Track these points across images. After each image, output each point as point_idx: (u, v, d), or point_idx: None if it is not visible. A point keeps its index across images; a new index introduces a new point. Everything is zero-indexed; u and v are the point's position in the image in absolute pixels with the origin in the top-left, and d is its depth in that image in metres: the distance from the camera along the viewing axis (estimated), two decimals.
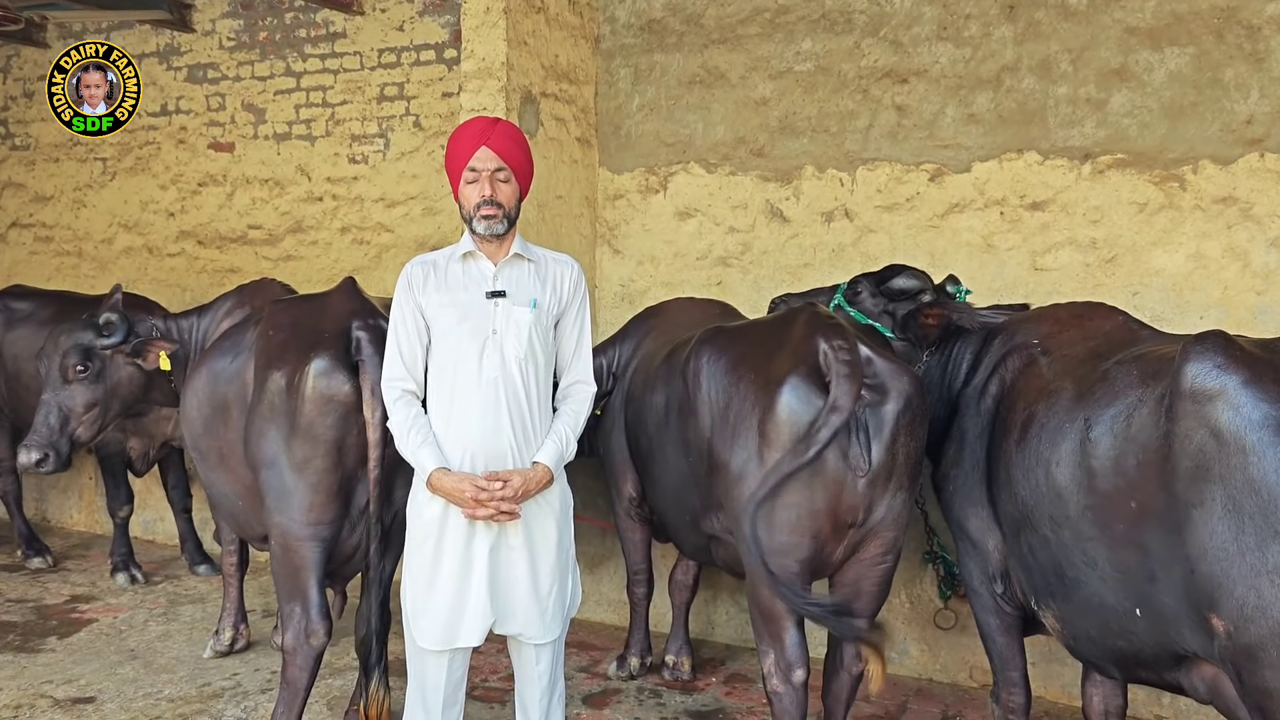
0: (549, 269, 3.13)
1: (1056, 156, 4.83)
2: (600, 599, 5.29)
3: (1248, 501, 2.25)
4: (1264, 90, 4.45)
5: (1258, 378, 2.31)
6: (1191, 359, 2.40)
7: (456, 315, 3.00)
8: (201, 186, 7.11)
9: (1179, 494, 2.39)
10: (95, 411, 4.64)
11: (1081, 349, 3.03)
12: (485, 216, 2.98)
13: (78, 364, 4.55)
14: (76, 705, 4.17)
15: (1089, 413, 2.72)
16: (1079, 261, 4.77)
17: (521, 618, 3.04)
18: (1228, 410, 2.31)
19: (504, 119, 3.17)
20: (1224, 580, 2.29)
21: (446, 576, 2.98)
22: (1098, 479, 2.64)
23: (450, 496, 2.94)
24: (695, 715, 4.20)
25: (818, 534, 3.09)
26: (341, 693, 4.29)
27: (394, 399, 3.05)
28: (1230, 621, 2.29)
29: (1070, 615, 2.89)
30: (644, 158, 5.80)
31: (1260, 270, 4.48)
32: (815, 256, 5.40)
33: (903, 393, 3.08)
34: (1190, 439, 2.37)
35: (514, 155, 3.04)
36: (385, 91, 6.45)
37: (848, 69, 5.27)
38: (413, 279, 3.05)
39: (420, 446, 2.97)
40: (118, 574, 5.85)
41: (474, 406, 2.97)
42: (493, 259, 3.06)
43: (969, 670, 4.55)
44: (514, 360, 2.98)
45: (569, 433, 3.10)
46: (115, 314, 4.55)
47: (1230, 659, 2.32)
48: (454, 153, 3.06)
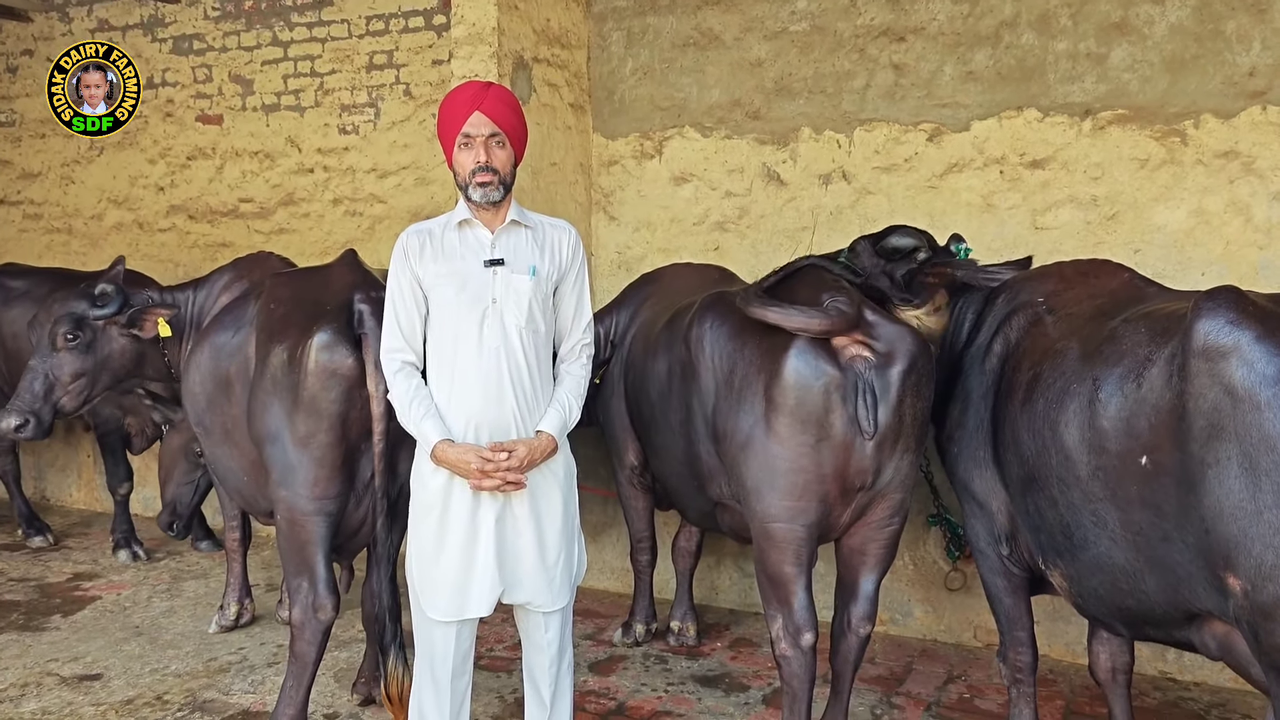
0: (546, 235, 3.09)
1: (1056, 113, 4.77)
2: (604, 567, 5.30)
3: (1264, 458, 2.23)
4: (1266, 42, 4.39)
5: (1271, 333, 2.28)
6: (1203, 315, 2.37)
7: (455, 285, 2.96)
8: (190, 160, 7.03)
9: (1193, 453, 2.37)
10: (82, 381, 4.59)
11: (1088, 307, 3.01)
12: (481, 184, 2.93)
13: (68, 332, 4.50)
14: (83, 682, 4.17)
15: (1097, 372, 2.69)
16: (1080, 219, 4.73)
17: (529, 586, 3.03)
18: (1241, 367, 2.28)
19: (496, 83, 3.10)
20: (1241, 539, 2.27)
21: (453, 547, 2.97)
22: (1107, 439, 2.62)
23: (455, 468, 2.91)
24: (701, 680, 4.21)
25: (825, 497, 3.09)
26: (349, 665, 4.29)
27: (394, 370, 3.02)
28: (1247, 580, 2.27)
29: (1078, 574, 2.89)
30: (638, 122, 5.73)
31: (1263, 225, 4.45)
32: (813, 219, 5.35)
33: (908, 353, 3.06)
34: (1204, 397, 2.34)
35: (508, 119, 2.98)
36: (374, 60, 6.36)
37: (844, 28, 5.20)
38: (409, 249, 3.01)
39: (423, 419, 2.94)
40: (119, 551, 5.85)
41: (476, 377, 2.94)
42: (489, 226, 3.02)
43: (973, 630, 4.57)
44: (514, 329, 2.95)
45: (572, 400, 3.08)
46: (111, 285, 4.51)
47: (1246, 618, 2.31)
48: (446, 119, 3.00)
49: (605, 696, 4.05)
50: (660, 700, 4.02)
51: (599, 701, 4.00)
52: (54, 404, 4.62)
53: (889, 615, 4.71)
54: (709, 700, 4.02)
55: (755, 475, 3.13)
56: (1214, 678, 4.17)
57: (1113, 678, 3.30)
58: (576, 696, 3.88)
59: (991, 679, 4.19)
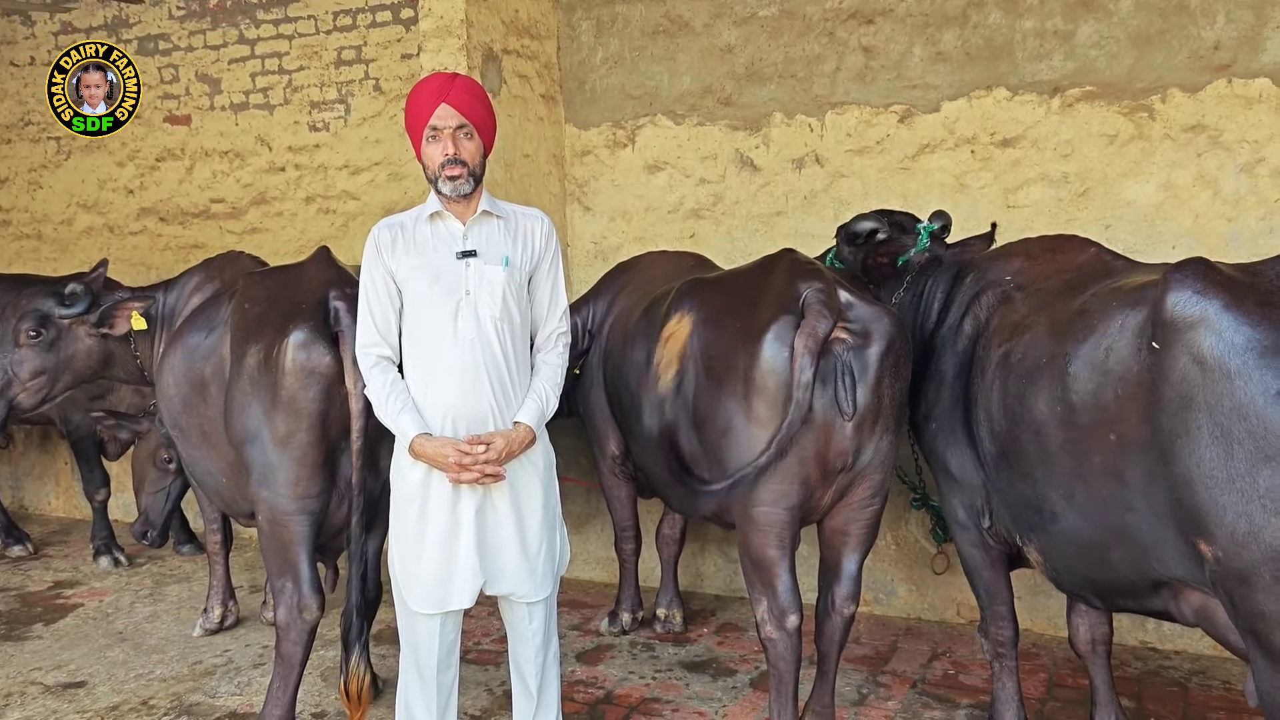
0: (519, 224, 3.07)
1: (1025, 91, 4.80)
2: (589, 557, 5.31)
3: (1236, 427, 2.24)
4: (1230, 15, 4.44)
5: (1239, 302, 2.29)
6: (1172, 287, 2.38)
7: (428, 277, 2.94)
8: (160, 162, 6.97)
9: (1164, 424, 2.38)
10: (41, 380, 4.51)
11: (1056, 283, 3.03)
12: (450, 177, 2.92)
13: (30, 329, 4.44)
14: (68, 690, 4.14)
15: (1067, 347, 2.71)
16: (1051, 196, 4.77)
17: (512, 577, 3.03)
18: (1210, 336, 2.29)
19: (462, 74, 3.09)
20: (1213, 507, 2.29)
21: (434, 540, 2.96)
22: (1077, 413, 2.64)
23: (433, 462, 2.91)
24: (689, 666, 4.23)
25: (806, 480, 3.10)
26: (335, 663, 4.27)
27: (370, 365, 3.00)
28: (1221, 548, 2.29)
29: (1051, 548, 2.91)
30: (610, 112, 5.72)
31: (1230, 197, 4.50)
32: (788, 204, 5.37)
33: (885, 334, 3.08)
34: (1174, 368, 2.35)
35: (475, 110, 2.96)
36: (343, 55, 6.32)
37: (812, 11, 5.21)
38: (380, 243, 2.99)
39: (400, 413, 2.93)
40: (100, 557, 5.81)
41: (452, 369, 2.93)
42: (461, 218, 3.00)
43: (956, 608, 4.61)
44: (489, 320, 2.94)
45: (549, 390, 3.07)
46: (80, 285, 4.45)
47: (1222, 584, 2.33)
48: (413, 112, 2.98)
49: (593, 686, 4.06)
50: (648, 687, 4.03)
51: (587, 691, 4.01)
52: (9, 399, 4.56)
53: (873, 595, 4.74)
54: (696, 686, 4.04)
55: (736, 460, 3.14)
56: (1194, 646, 4.23)
57: (1093, 649, 3.33)
58: (565, 687, 3.89)
59: (975, 655, 4.22)
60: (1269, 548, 2.21)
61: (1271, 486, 2.19)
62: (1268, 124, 4.42)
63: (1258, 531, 2.22)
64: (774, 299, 3.12)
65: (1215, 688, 3.90)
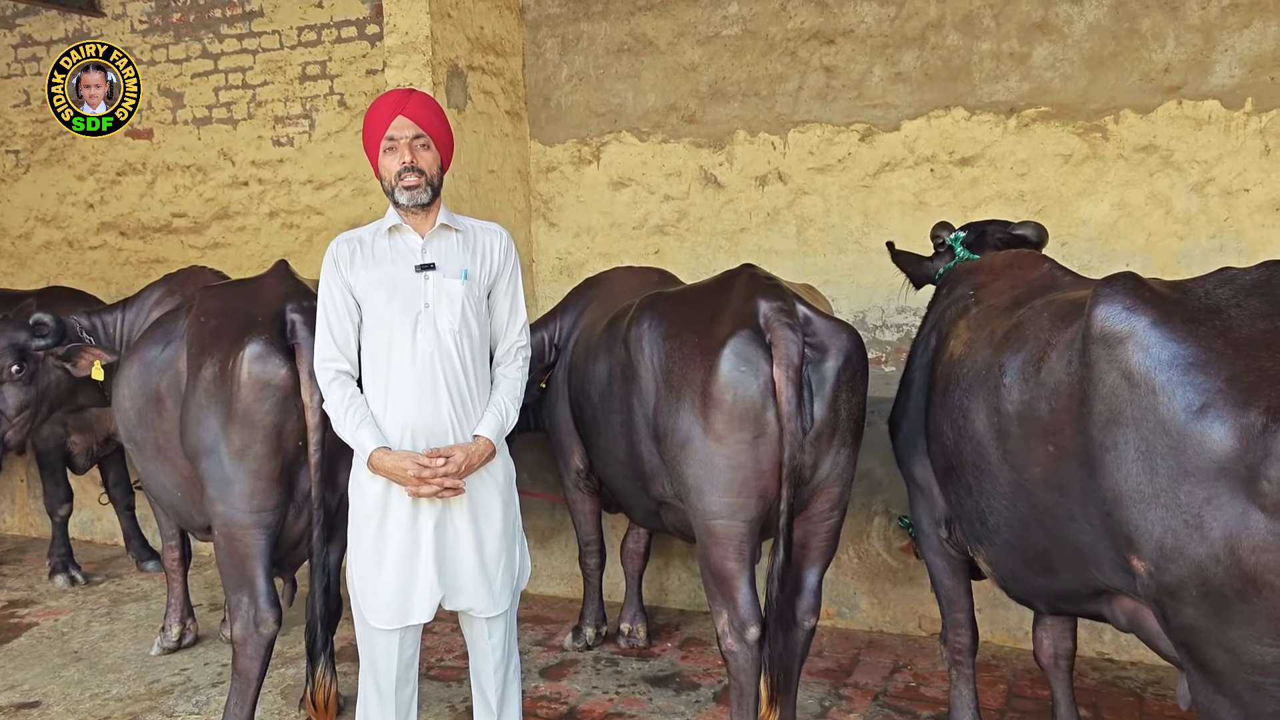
0: (478, 238, 3.08)
1: (983, 111, 4.89)
2: (553, 572, 5.30)
3: (1159, 442, 2.22)
4: (1179, 39, 4.55)
5: (1166, 318, 2.29)
6: (1101, 302, 2.39)
7: (387, 291, 2.94)
8: (120, 176, 6.91)
9: (1093, 437, 2.39)
10: (27, 414, 4.50)
11: (1007, 297, 3.08)
12: (408, 187, 2.92)
13: (13, 365, 4.40)
14: (21, 711, 4.07)
15: (1002, 359, 2.73)
16: (1009, 214, 4.81)
17: (470, 592, 3.03)
18: (1138, 351, 2.28)
19: (419, 90, 3.10)
20: (1141, 523, 2.28)
21: (393, 555, 2.95)
22: (1012, 424, 2.67)
23: (392, 475, 2.90)
24: (653, 680, 4.23)
25: (765, 493, 3.12)
26: (295, 681, 4.24)
27: (328, 380, 2.99)
28: (1151, 563, 2.28)
29: (997, 557, 2.95)
30: (575, 128, 5.75)
31: (1182, 216, 4.60)
32: (751, 221, 5.42)
33: (842, 349, 3.12)
34: (1103, 382, 2.35)
35: (431, 123, 2.97)
36: (307, 70, 6.31)
37: (775, 31, 5.27)
38: (339, 257, 2.98)
39: (359, 427, 2.92)
40: (56, 576, 5.71)
41: (411, 383, 2.92)
42: (419, 231, 3.00)
43: (918, 620, 4.65)
44: (448, 333, 2.94)
45: (509, 403, 3.08)
46: (48, 315, 4.41)
47: (1154, 598, 2.33)
48: (370, 126, 2.99)
49: (557, 701, 4.05)
50: (612, 702, 4.03)
51: (550, 706, 4.00)
52: (2, 439, 4.50)
53: (835, 609, 4.77)
54: (660, 700, 4.04)
55: (695, 473, 3.16)
56: (1150, 657, 4.27)
57: (1055, 663, 3.37)
58: (528, 703, 3.88)
59: (937, 667, 4.26)
60: (1193, 563, 2.18)
61: (1192, 502, 2.17)
62: (1217, 144, 4.53)
63: (1182, 547, 2.20)
64: (732, 313, 3.15)
65: (1170, 698, 3.95)
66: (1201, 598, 2.20)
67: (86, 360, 4.33)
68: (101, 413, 5.55)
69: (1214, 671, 2.27)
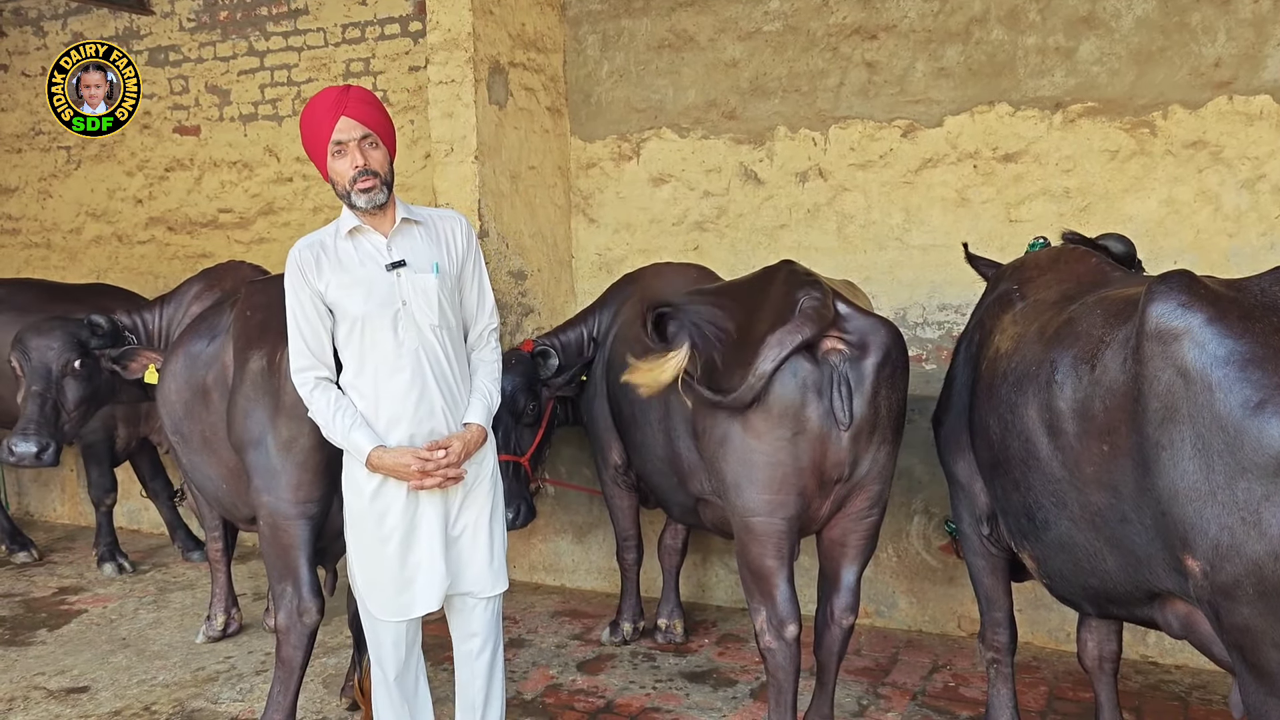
0: (438, 227, 3.08)
1: (1027, 107, 4.83)
2: (590, 567, 5.32)
3: (1216, 439, 2.23)
4: (1230, 33, 4.46)
5: (1221, 315, 2.29)
6: (1156, 299, 2.38)
7: (361, 293, 2.93)
8: (169, 172, 7.03)
9: (1149, 435, 2.38)
10: (84, 409, 4.63)
11: (1054, 293, 3.04)
12: (364, 189, 2.90)
13: (76, 360, 4.51)
14: (70, 695, 4.17)
15: (1054, 355, 2.72)
16: (1053, 211, 4.79)
17: (474, 573, 3.08)
18: (1193, 349, 2.28)
19: (354, 85, 3.10)
20: (1197, 521, 2.27)
21: (394, 548, 2.99)
22: (1064, 421, 2.65)
23: (394, 473, 2.92)
24: (689, 676, 4.24)
25: (803, 490, 3.12)
26: (336, 670, 4.30)
27: (309, 389, 2.98)
28: (1206, 561, 2.27)
29: (1044, 555, 2.92)
30: (615, 125, 5.76)
31: (1231, 213, 4.51)
32: (791, 217, 5.40)
33: (882, 345, 3.10)
34: (1158, 380, 2.35)
35: (374, 119, 2.95)
36: (351, 68, 6.37)
37: (816, 27, 5.24)
38: (303, 264, 2.95)
39: (351, 429, 2.93)
40: (104, 564, 5.83)
41: (399, 380, 2.94)
42: (380, 230, 2.99)
43: (957, 620, 4.61)
44: (428, 327, 2.96)
45: (491, 387, 3.13)
46: (102, 316, 4.54)
47: (1207, 599, 2.32)
48: (311, 129, 2.95)
49: (594, 695, 4.07)
50: (649, 697, 4.04)
51: (587, 700, 4.02)
52: (62, 429, 4.62)
53: (874, 608, 4.74)
54: (697, 696, 4.05)
55: (734, 470, 3.16)
56: (1195, 660, 4.22)
57: (1099, 665, 3.33)
58: (565, 695, 3.92)
59: (976, 668, 4.22)
60: (1250, 561, 2.19)
61: (1250, 499, 2.17)
62: (1268, 141, 4.44)
63: (1239, 545, 2.20)
64: (771, 309, 3.14)
65: (1216, 703, 3.89)
66: (1258, 596, 2.19)
67: (140, 364, 4.42)
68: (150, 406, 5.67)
69: (1268, 674, 2.25)
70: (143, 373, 4.40)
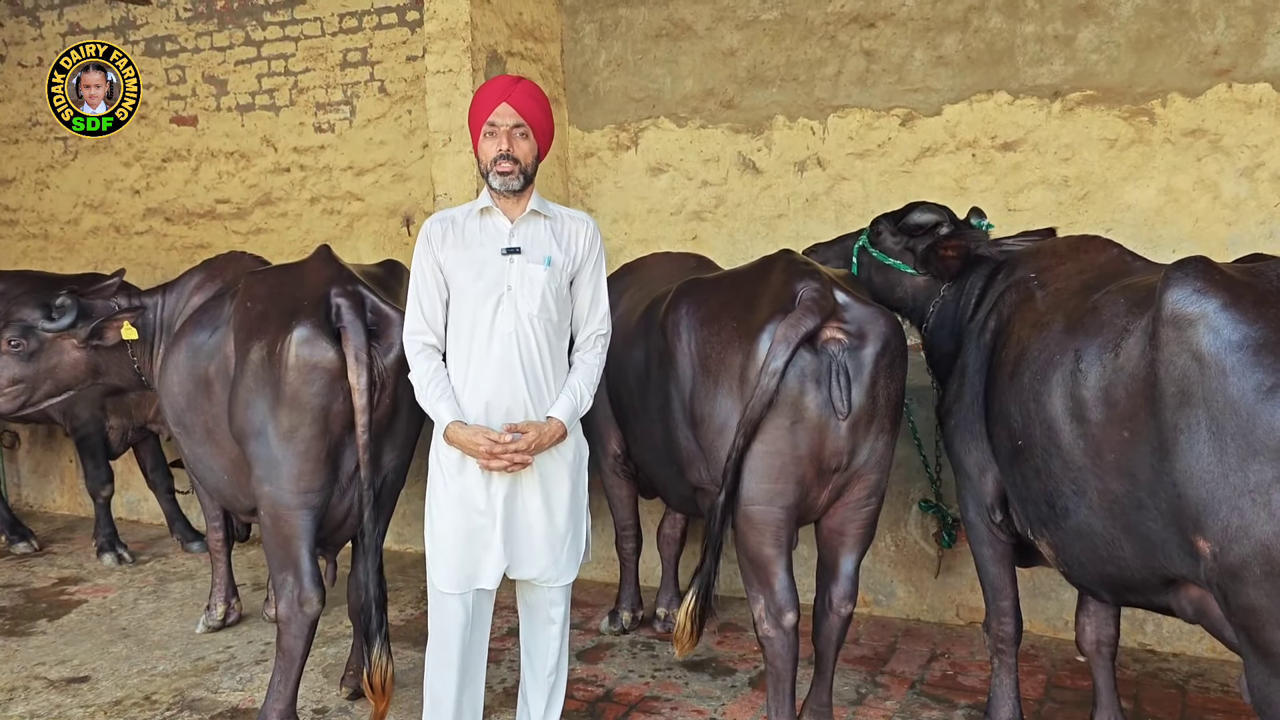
0: (565, 226, 3.17)
1: (1026, 95, 4.82)
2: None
3: (1229, 422, 2.28)
4: (1230, 20, 4.45)
5: (1236, 300, 2.34)
6: (1172, 285, 2.43)
7: (473, 271, 3.04)
8: (166, 162, 7.00)
9: (1166, 419, 2.43)
10: (19, 387, 4.55)
11: (1075, 282, 3.06)
12: (501, 172, 3.01)
13: (12, 338, 4.50)
14: (71, 685, 4.18)
15: (1078, 344, 2.76)
16: (1051, 200, 4.79)
17: (540, 561, 3.13)
18: (1208, 334, 2.34)
19: (526, 79, 3.16)
20: (1209, 502, 2.33)
21: (464, 521, 3.06)
22: (1088, 409, 2.68)
23: (465, 448, 3.00)
24: (688, 665, 4.25)
25: (802, 479, 3.13)
26: (336, 660, 4.31)
27: (415, 352, 3.11)
28: (1215, 543, 2.33)
29: (1062, 543, 2.94)
30: (613, 114, 5.75)
31: (1230, 201, 4.51)
32: (789, 207, 5.39)
33: (880, 335, 3.11)
34: (1174, 364, 2.40)
35: (533, 113, 3.06)
36: (348, 58, 6.35)
37: (814, 15, 5.23)
38: (432, 235, 3.10)
39: (438, 400, 3.03)
40: (104, 554, 5.84)
41: (489, 362, 3.02)
42: (509, 215, 3.09)
43: (955, 609, 4.63)
44: (527, 316, 3.02)
45: (584, 387, 3.16)
46: (69, 299, 4.49)
47: (1216, 580, 2.36)
48: (476, 109, 3.10)
49: (593, 684, 4.08)
50: (648, 686, 4.05)
51: (587, 689, 4.03)
52: None
53: (872, 596, 4.76)
54: (696, 685, 4.06)
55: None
56: (1192, 648, 4.24)
57: (1097, 650, 3.35)
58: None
59: (974, 656, 4.24)
60: (1259, 542, 2.24)
61: (1260, 481, 2.23)
62: (1268, 129, 4.43)
63: (1248, 526, 2.26)
64: (770, 298, 3.14)
65: (1213, 690, 3.91)
66: (1265, 577, 2.25)
67: (113, 330, 4.38)
68: (140, 400, 5.67)
69: (1273, 655, 2.30)
70: (119, 336, 4.38)
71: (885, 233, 3.78)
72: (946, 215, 3.67)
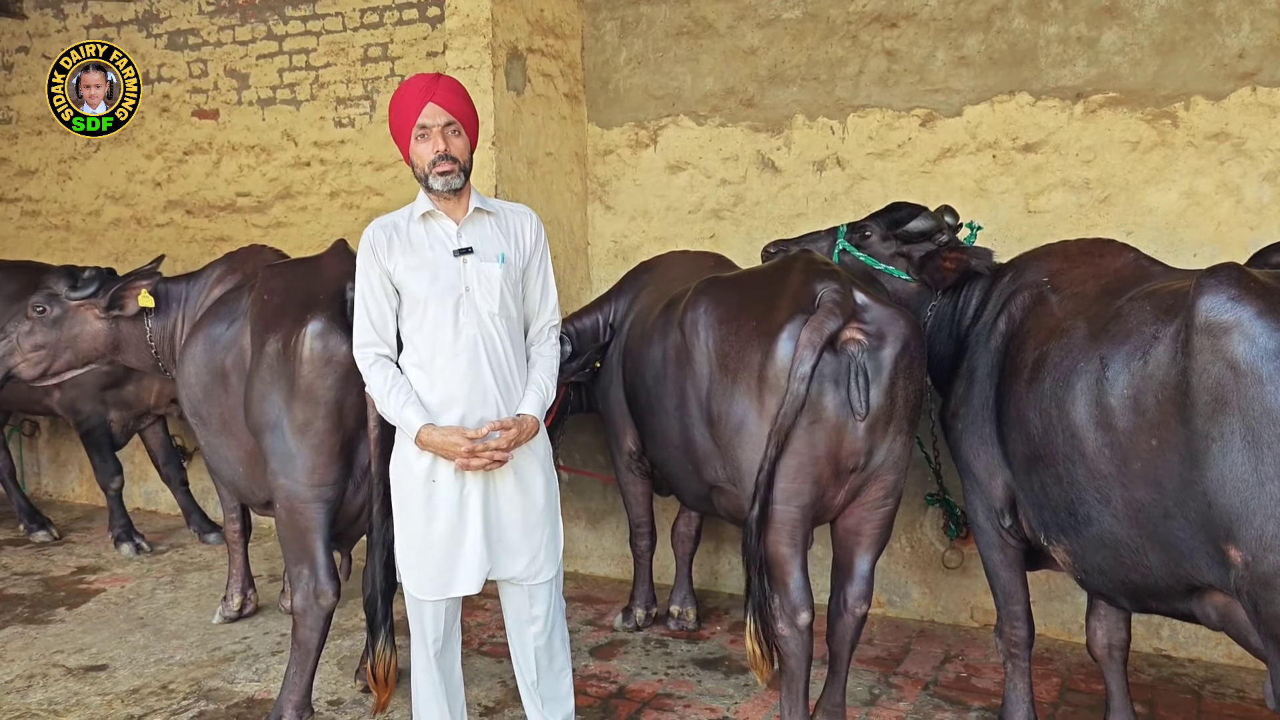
0: (509, 221, 3.15)
1: (1048, 97, 4.79)
2: (604, 553, 5.34)
3: (1266, 431, 2.27)
4: (1255, 23, 4.41)
5: (1272, 308, 2.32)
6: (1205, 292, 2.40)
7: (427, 276, 3.00)
8: (187, 155, 7.05)
9: (1198, 428, 2.40)
10: (41, 354, 4.59)
11: (1093, 286, 3.03)
12: (442, 173, 2.98)
13: (37, 304, 4.55)
14: (89, 673, 4.21)
15: (1104, 351, 2.72)
16: (1072, 202, 4.76)
17: (518, 559, 3.11)
18: (1243, 342, 2.32)
19: (444, 74, 3.15)
20: (1243, 511, 2.31)
21: (440, 528, 3.03)
22: (1115, 416, 2.65)
23: (442, 451, 2.97)
24: (701, 663, 4.25)
25: (819, 479, 3.12)
26: (351, 652, 4.34)
27: (369, 364, 3.06)
28: (1249, 552, 2.31)
29: (1082, 550, 2.92)
30: (633, 112, 5.75)
31: (1253, 205, 4.48)
32: (808, 206, 5.38)
33: (900, 336, 3.10)
34: (1207, 373, 2.38)
35: (460, 108, 3.03)
36: (369, 53, 6.37)
37: (836, 15, 5.22)
38: (375, 243, 3.04)
39: (404, 406, 2.99)
40: (122, 544, 5.89)
41: (457, 364, 2.99)
42: (453, 216, 3.06)
43: (970, 611, 4.61)
44: (488, 316, 3.01)
45: (547, 380, 3.16)
46: (94, 270, 4.55)
47: (1247, 588, 2.34)
48: (399, 113, 3.04)
49: (606, 680, 4.09)
50: (661, 683, 4.06)
51: (600, 685, 4.04)
52: (9, 366, 4.63)
53: (886, 597, 4.75)
54: (709, 683, 4.06)
55: (749, 458, 3.16)
56: (1208, 654, 4.21)
57: (1109, 654, 3.33)
58: (578, 681, 3.92)
59: (988, 658, 4.23)
60: None
61: None
62: None
63: None
64: (790, 299, 3.14)
65: (1229, 696, 3.89)
66: None
67: (131, 296, 4.44)
68: (139, 388, 5.73)
69: None
70: (138, 304, 4.43)
71: (875, 236, 3.76)
72: (942, 222, 3.65)
